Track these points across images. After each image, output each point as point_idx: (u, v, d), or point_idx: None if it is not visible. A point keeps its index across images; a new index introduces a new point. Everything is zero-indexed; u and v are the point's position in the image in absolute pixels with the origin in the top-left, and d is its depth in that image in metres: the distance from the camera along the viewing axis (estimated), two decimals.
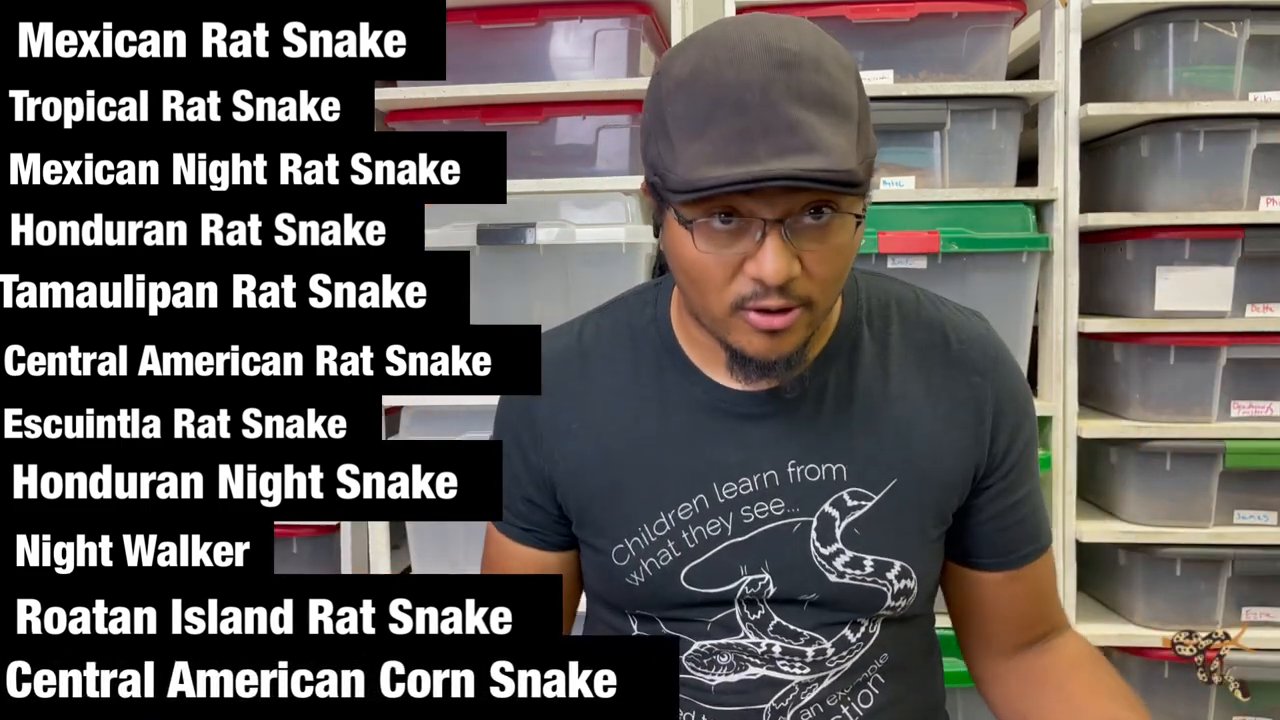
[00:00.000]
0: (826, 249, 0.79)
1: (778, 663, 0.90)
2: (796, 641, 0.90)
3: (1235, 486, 1.81)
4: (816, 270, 0.79)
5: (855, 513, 0.89)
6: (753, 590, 0.90)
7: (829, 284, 0.81)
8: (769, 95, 0.74)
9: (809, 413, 0.90)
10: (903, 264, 1.75)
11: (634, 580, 0.91)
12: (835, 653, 0.91)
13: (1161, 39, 1.79)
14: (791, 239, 0.77)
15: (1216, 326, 1.78)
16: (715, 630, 0.91)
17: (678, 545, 0.90)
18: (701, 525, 0.89)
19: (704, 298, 0.82)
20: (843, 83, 0.78)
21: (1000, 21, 1.83)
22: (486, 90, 1.83)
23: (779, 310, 0.79)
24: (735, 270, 0.79)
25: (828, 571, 0.89)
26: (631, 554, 0.91)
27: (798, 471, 0.89)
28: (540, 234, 1.74)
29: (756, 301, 0.79)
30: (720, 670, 0.91)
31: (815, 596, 0.89)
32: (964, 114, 1.81)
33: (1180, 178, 1.79)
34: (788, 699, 0.90)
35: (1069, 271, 1.81)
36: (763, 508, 0.89)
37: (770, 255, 0.76)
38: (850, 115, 0.77)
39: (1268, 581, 1.81)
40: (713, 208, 0.77)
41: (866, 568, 0.89)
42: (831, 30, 1.80)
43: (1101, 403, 1.95)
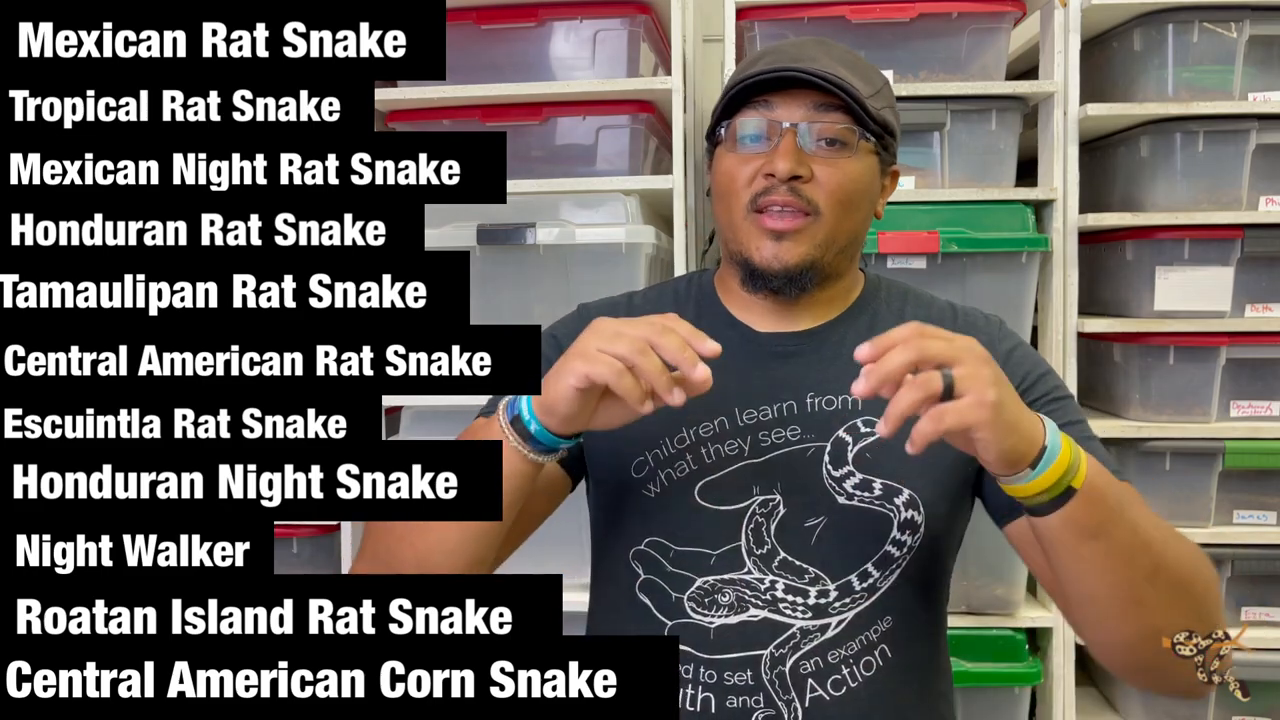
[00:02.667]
0: (836, 166, 0.92)
1: (780, 604, 0.92)
2: (800, 579, 0.92)
3: (1235, 486, 1.81)
4: (826, 180, 0.92)
5: (868, 439, 0.93)
6: (763, 511, 0.93)
7: (836, 198, 0.92)
8: (804, 48, 0.95)
9: (830, 354, 0.97)
10: (902, 264, 1.75)
11: (650, 491, 0.96)
12: (839, 597, 0.92)
13: (1161, 39, 1.79)
14: (805, 150, 0.92)
15: (1216, 326, 1.79)
16: (719, 564, 0.93)
17: (695, 459, 0.95)
18: (720, 444, 0.95)
19: (730, 207, 0.95)
20: (871, 67, 0.97)
21: (1000, 21, 1.83)
22: (486, 90, 1.83)
23: (785, 209, 0.91)
24: (755, 174, 0.93)
25: (837, 493, 0.93)
26: (650, 465, 0.96)
27: (815, 401, 0.95)
28: (540, 234, 1.74)
29: (768, 198, 0.92)
30: (721, 611, 0.93)
31: (824, 520, 0.92)
32: (964, 114, 1.81)
33: (1180, 178, 1.79)
34: (787, 645, 0.91)
35: (1069, 271, 1.81)
36: (780, 433, 0.94)
37: (782, 150, 0.91)
38: (871, 81, 0.95)
39: (1268, 581, 1.81)
40: (745, 118, 0.93)
41: (875, 490, 0.92)
42: (832, 30, 1.82)
43: (1101, 403, 1.95)
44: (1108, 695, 1.95)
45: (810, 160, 0.92)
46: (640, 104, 1.85)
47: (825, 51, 0.95)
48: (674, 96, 1.81)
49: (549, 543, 1.25)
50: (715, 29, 1.94)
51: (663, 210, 1.97)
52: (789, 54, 0.94)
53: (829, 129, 0.92)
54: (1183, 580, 0.85)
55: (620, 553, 0.99)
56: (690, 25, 1.92)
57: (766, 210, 0.92)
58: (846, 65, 0.94)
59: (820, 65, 0.92)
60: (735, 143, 0.95)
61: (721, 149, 0.96)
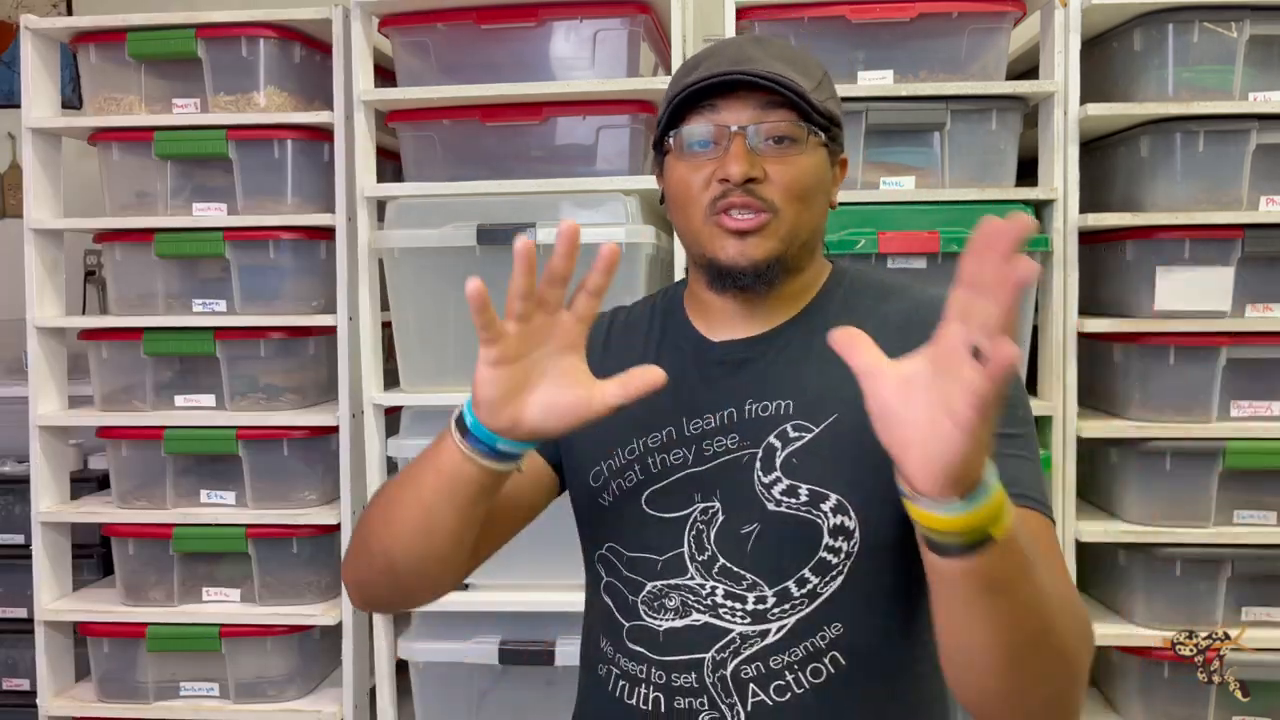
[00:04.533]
0: (788, 164, 0.93)
1: (719, 610, 0.93)
2: (739, 585, 0.93)
3: (1235, 486, 1.81)
4: (779, 178, 0.92)
5: (795, 444, 0.93)
6: (703, 518, 0.94)
7: (792, 194, 0.93)
8: (742, 48, 0.96)
9: (772, 360, 0.98)
10: (902, 264, 1.75)
11: (605, 500, 0.99)
12: (777, 604, 0.92)
13: (1161, 39, 1.79)
14: (755, 151, 0.92)
15: (1216, 326, 1.78)
16: (665, 570, 0.95)
17: (643, 469, 0.97)
18: (666, 454, 0.97)
19: (687, 215, 0.96)
20: (809, 59, 0.98)
21: (1000, 21, 1.83)
22: (486, 90, 1.83)
23: (745, 210, 0.92)
24: (709, 179, 0.93)
25: (767, 500, 0.93)
26: (605, 475, 0.99)
27: (753, 409, 0.96)
28: (540, 234, 1.74)
29: (726, 200, 0.92)
30: (668, 615, 0.95)
31: (756, 527, 0.93)
32: (964, 114, 1.81)
33: (1180, 178, 1.79)
34: (727, 650, 0.92)
35: (1069, 271, 1.81)
36: (721, 442, 0.95)
37: (734, 154, 0.92)
38: (811, 75, 0.95)
39: (1268, 581, 1.81)
40: (692, 125, 0.94)
41: (801, 496, 0.92)
42: (831, 30, 1.82)
43: (1101, 403, 1.95)
44: (1108, 695, 1.95)
45: (762, 160, 0.92)
46: (640, 104, 1.85)
47: (763, 50, 0.96)
48: None
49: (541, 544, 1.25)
50: (715, 29, 1.94)
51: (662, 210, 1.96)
52: (728, 56, 0.95)
53: (777, 128, 0.93)
54: (1064, 653, 0.77)
55: (590, 556, 1.04)
56: (690, 25, 1.92)
57: (726, 212, 0.93)
58: (785, 61, 0.95)
59: (760, 64, 0.92)
60: (685, 150, 0.95)
61: (671, 157, 0.97)
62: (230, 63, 1.97)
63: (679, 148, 0.96)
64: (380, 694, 1.92)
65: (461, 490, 0.87)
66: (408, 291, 1.85)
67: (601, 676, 1.00)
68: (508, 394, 0.83)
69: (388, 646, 1.92)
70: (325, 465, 2.02)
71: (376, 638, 1.93)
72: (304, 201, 2.00)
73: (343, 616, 1.97)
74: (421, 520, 0.90)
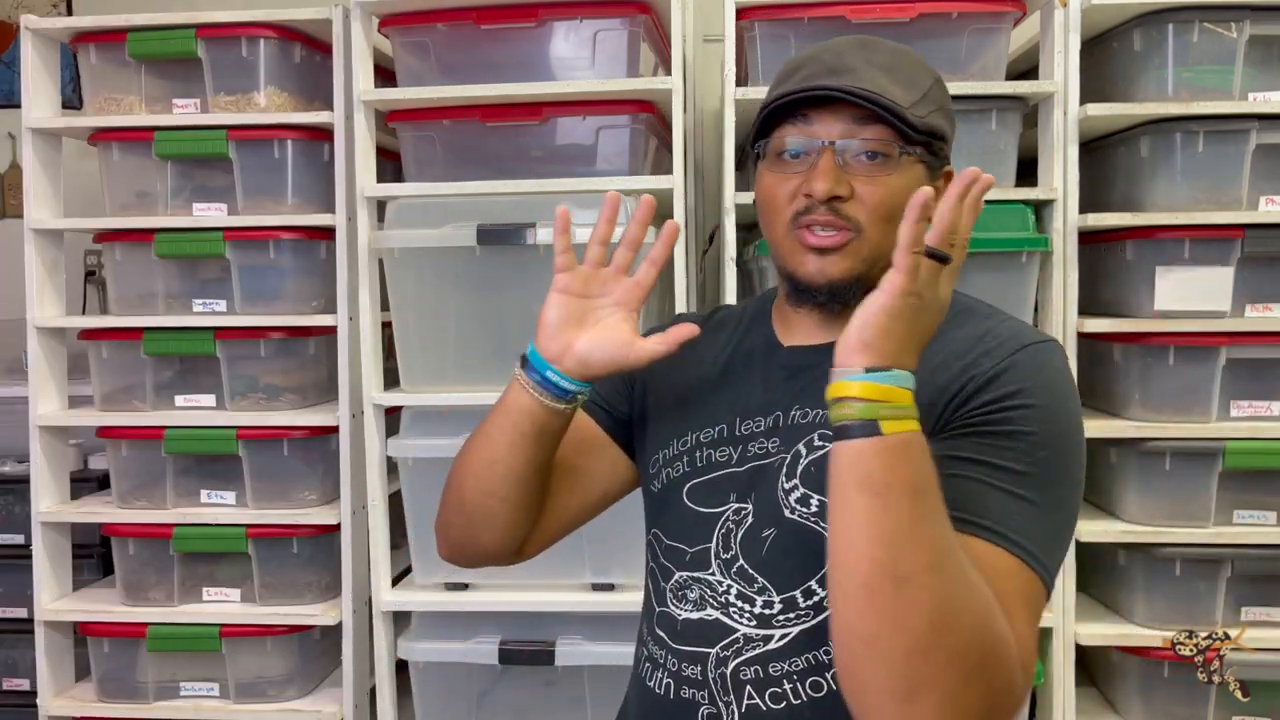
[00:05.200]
0: (877, 183, 0.91)
1: (730, 608, 0.93)
2: (750, 587, 0.93)
3: (1235, 486, 1.81)
4: (867, 198, 0.90)
5: (817, 452, 0.92)
6: (734, 518, 0.95)
7: (879, 215, 0.91)
8: (844, 56, 0.93)
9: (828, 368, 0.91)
10: None
11: (655, 487, 1.02)
12: (782, 611, 0.91)
13: (1161, 39, 1.79)
14: (845, 167, 0.90)
15: (1216, 326, 1.78)
16: (692, 562, 0.96)
17: (690, 462, 0.99)
18: (714, 450, 0.98)
19: (771, 224, 0.95)
20: (916, 66, 0.95)
21: (1000, 21, 1.83)
22: (486, 90, 1.83)
23: (827, 227, 0.90)
24: (795, 192, 0.92)
25: (784, 507, 0.93)
26: (659, 462, 1.02)
27: (795, 415, 0.96)
28: (540, 234, 1.74)
29: (809, 216, 0.91)
30: (688, 605, 0.96)
31: (773, 532, 0.93)
32: (964, 114, 1.80)
33: (1180, 178, 1.79)
34: (731, 649, 0.93)
35: (1069, 271, 1.81)
36: (763, 445, 0.96)
37: (820, 170, 0.90)
38: (915, 86, 0.92)
39: (1268, 581, 1.81)
40: (783, 135, 0.93)
41: (812, 506, 0.91)
42: (832, 31, 1.82)
43: (1101, 403, 1.95)
44: (1108, 695, 1.95)
45: (850, 177, 0.90)
46: (640, 104, 1.85)
47: (865, 58, 0.93)
48: (674, 96, 1.81)
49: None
50: (715, 29, 1.94)
51: (663, 210, 1.97)
52: (826, 64, 0.92)
53: (868, 144, 0.90)
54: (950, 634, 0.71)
55: (647, 539, 1.06)
56: (690, 25, 1.92)
57: (808, 228, 0.92)
58: (888, 71, 0.92)
59: (859, 75, 0.90)
60: (774, 160, 0.94)
61: (761, 166, 0.96)
62: (230, 63, 1.97)
63: (769, 156, 0.95)
64: (380, 694, 1.92)
65: (522, 423, 0.96)
66: (408, 291, 1.85)
67: (641, 656, 1.03)
68: (565, 321, 0.95)
69: (388, 646, 1.92)
70: (325, 465, 2.02)
71: (376, 638, 1.93)
72: (304, 201, 2.00)
73: (343, 616, 1.97)
74: (487, 451, 0.98)
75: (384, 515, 1.91)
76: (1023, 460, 0.84)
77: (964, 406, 0.86)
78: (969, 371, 0.87)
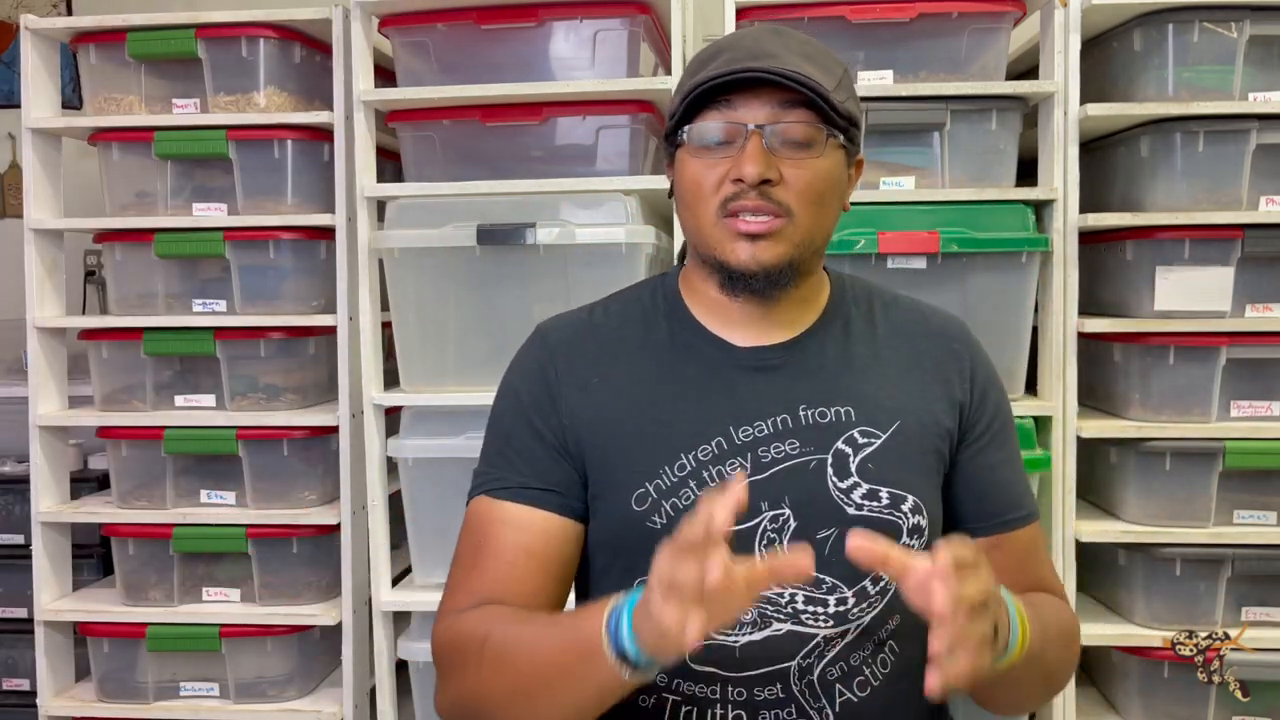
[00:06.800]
0: (804, 166, 0.91)
1: (802, 616, 0.92)
2: (819, 590, 0.92)
3: (1235, 486, 1.81)
4: (795, 181, 0.90)
5: (867, 449, 0.94)
6: (774, 527, 0.93)
7: (808, 198, 0.91)
8: (762, 42, 0.92)
9: (812, 366, 0.97)
10: (902, 264, 1.75)
11: (655, 523, 0.93)
12: (856, 604, 0.93)
13: (1161, 39, 1.79)
14: (772, 151, 0.90)
15: (1216, 326, 1.78)
16: None
17: (699, 485, 0.93)
18: (721, 465, 0.94)
19: (697, 214, 0.93)
20: (829, 55, 0.95)
21: (1000, 21, 1.83)
22: (486, 90, 1.83)
23: (758, 213, 0.90)
24: (722, 178, 0.91)
25: (846, 505, 0.93)
26: (653, 496, 0.94)
27: (808, 414, 0.95)
28: (540, 234, 1.74)
29: (738, 203, 0.90)
30: (745, 629, 0.92)
31: (835, 531, 0.92)
32: (964, 114, 1.81)
33: (1180, 178, 1.79)
34: (813, 655, 0.92)
35: (1069, 271, 1.81)
36: (779, 448, 0.94)
37: (750, 154, 0.89)
38: (831, 71, 0.93)
39: (1268, 581, 1.81)
40: (706, 120, 0.91)
41: (883, 499, 0.94)
42: (831, 30, 1.82)
43: (1101, 403, 1.95)
44: (1108, 695, 1.95)
45: (778, 161, 0.90)
46: (640, 104, 1.85)
47: (783, 44, 0.92)
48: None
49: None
50: (715, 29, 1.94)
51: (663, 210, 1.97)
52: (747, 49, 0.91)
53: (795, 128, 0.90)
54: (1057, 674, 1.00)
55: (628, 584, 0.94)
56: (690, 25, 1.92)
57: (738, 214, 0.90)
58: (806, 57, 0.91)
59: (780, 60, 0.89)
60: (698, 146, 0.92)
61: (683, 152, 0.94)
62: (230, 63, 1.97)
63: (693, 143, 0.93)
64: (380, 694, 1.92)
65: (607, 700, 0.82)
66: (408, 291, 1.85)
67: (648, 709, 0.94)
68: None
69: (388, 646, 1.92)
70: (325, 465, 2.02)
71: (376, 638, 1.93)
72: (304, 201, 2.00)
73: (343, 616, 1.97)
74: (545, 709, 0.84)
75: (384, 515, 1.91)
76: (1011, 437, 1.04)
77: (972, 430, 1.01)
78: (956, 399, 1.01)
